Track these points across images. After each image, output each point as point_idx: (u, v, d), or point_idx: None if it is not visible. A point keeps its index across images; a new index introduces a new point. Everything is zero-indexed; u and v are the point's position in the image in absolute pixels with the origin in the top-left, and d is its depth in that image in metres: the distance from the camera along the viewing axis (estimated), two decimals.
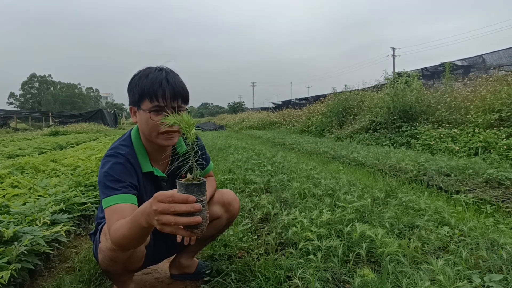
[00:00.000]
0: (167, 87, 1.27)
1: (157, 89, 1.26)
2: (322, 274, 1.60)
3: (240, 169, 4.44)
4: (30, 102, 75.37)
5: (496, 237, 1.94)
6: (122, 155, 1.34)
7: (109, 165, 1.29)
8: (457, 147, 5.49)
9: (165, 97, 1.27)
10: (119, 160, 1.32)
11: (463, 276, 1.51)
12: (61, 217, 2.12)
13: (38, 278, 1.79)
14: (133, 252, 1.29)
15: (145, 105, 1.29)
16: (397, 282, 1.49)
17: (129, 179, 1.29)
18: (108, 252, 1.28)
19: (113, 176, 1.26)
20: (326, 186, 3.16)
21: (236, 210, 1.69)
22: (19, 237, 1.69)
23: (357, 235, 1.93)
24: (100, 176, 1.29)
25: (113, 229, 1.14)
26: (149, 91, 1.26)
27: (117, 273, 1.42)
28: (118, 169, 1.29)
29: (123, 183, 1.26)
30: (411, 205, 2.61)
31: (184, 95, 1.33)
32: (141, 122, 1.33)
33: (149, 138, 1.37)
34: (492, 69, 9.31)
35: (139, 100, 1.29)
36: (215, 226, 1.67)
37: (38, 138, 13.33)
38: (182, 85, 1.33)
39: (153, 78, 1.27)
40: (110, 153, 1.35)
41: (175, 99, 1.29)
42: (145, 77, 1.28)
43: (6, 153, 6.80)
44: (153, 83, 1.26)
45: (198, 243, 1.74)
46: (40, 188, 2.86)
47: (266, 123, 18.52)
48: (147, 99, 1.27)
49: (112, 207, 1.20)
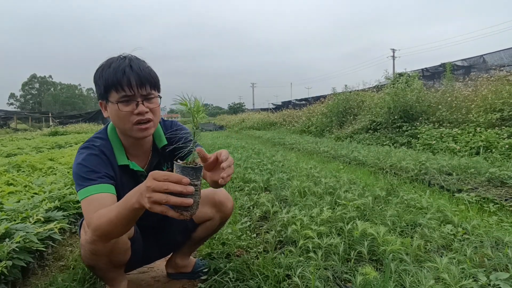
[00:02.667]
0: (131, 74, 1.18)
1: (121, 78, 1.17)
2: (323, 272, 1.56)
3: (239, 168, 4.40)
4: (30, 103, 75.45)
5: (500, 235, 1.90)
6: (96, 146, 1.29)
7: (83, 156, 1.24)
8: (458, 146, 5.45)
9: (131, 86, 1.18)
10: (93, 152, 1.27)
11: (468, 274, 1.46)
12: (56, 214, 2.07)
13: (31, 276, 1.75)
14: (115, 243, 1.24)
15: (112, 96, 1.21)
16: (400, 281, 1.45)
17: (104, 170, 1.24)
18: (88, 245, 1.23)
19: (88, 167, 1.21)
20: (327, 185, 3.12)
21: (229, 210, 1.62)
22: (11, 234, 1.64)
23: (358, 233, 1.88)
24: (74, 168, 1.23)
25: (96, 216, 1.08)
26: (113, 81, 1.18)
27: (102, 269, 1.36)
28: (93, 160, 1.24)
29: (99, 173, 1.21)
30: (413, 203, 2.57)
31: (152, 81, 1.23)
32: (112, 115, 1.25)
33: (124, 132, 1.31)
34: (493, 69, 9.27)
35: (106, 93, 1.22)
36: (208, 227, 1.62)
37: (37, 138, 13.31)
38: (148, 71, 1.24)
39: (116, 67, 1.19)
40: (84, 145, 1.31)
41: (142, 86, 1.20)
42: (107, 67, 1.21)
43: (4, 152, 6.77)
44: (116, 72, 1.18)
45: (192, 243, 1.70)
46: (36, 186, 2.82)
47: (266, 124, 18.50)
48: (113, 90, 1.19)
49: (89, 198, 1.14)
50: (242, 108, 61.84)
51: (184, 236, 1.65)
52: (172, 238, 1.64)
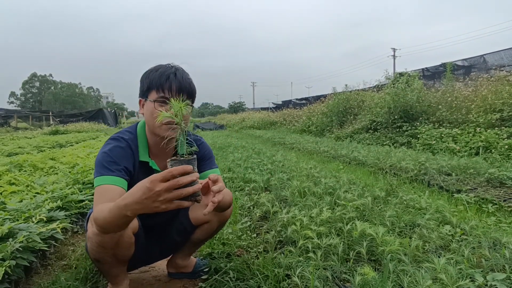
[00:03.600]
0: (174, 80, 1.34)
1: (164, 81, 1.33)
2: (322, 272, 1.58)
3: (239, 168, 4.42)
4: (30, 102, 75.36)
5: (498, 236, 1.92)
6: (125, 140, 1.40)
7: (110, 147, 1.36)
8: (458, 146, 5.47)
9: (171, 90, 1.33)
10: (120, 144, 1.38)
11: (465, 275, 1.48)
12: (58, 214, 2.10)
13: (34, 276, 1.77)
14: (120, 237, 1.29)
15: (151, 95, 1.35)
16: (398, 281, 1.47)
17: (125, 163, 1.34)
18: (95, 237, 1.28)
19: (111, 157, 1.31)
20: (326, 185, 3.14)
21: (227, 213, 1.63)
22: (15, 234, 1.66)
23: (357, 234, 1.90)
24: (98, 156, 1.33)
25: (98, 208, 1.17)
26: (156, 83, 1.34)
27: (107, 263, 1.39)
28: (118, 152, 1.34)
29: (119, 166, 1.31)
30: (412, 203, 2.59)
31: (190, 91, 1.38)
32: (147, 112, 1.38)
33: (152, 129, 1.40)
34: (493, 69, 9.27)
35: (147, 91, 1.36)
36: (206, 229, 1.64)
37: (38, 137, 13.31)
38: (189, 82, 1.39)
39: (162, 72, 1.35)
40: (114, 137, 1.42)
41: (180, 93, 1.34)
42: (155, 71, 1.37)
43: (5, 151, 6.78)
44: (161, 76, 1.34)
45: (191, 245, 1.72)
46: (38, 185, 2.84)
47: (266, 123, 18.50)
48: (154, 90, 1.34)
49: (103, 186, 1.25)
50: (243, 107, 61.79)
51: (183, 237, 1.67)
52: (171, 239, 1.66)
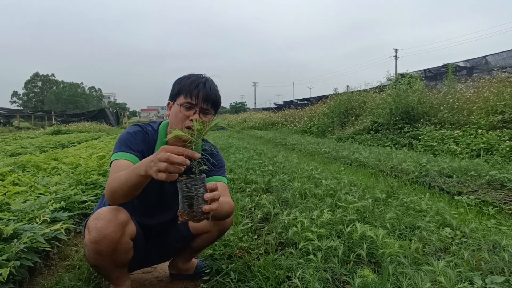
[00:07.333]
0: (202, 89, 1.44)
1: (193, 88, 1.44)
2: (322, 274, 1.59)
3: (241, 169, 4.44)
4: (33, 101, 75.57)
5: (498, 239, 1.93)
6: (147, 131, 1.54)
7: (135, 130, 1.51)
8: (459, 148, 5.47)
9: (198, 97, 1.43)
10: (143, 132, 1.52)
11: (464, 277, 1.49)
12: (61, 215, 2.12)
13: (37, 276, 1.79)
14: (117, 244, 1.32)
15: (179, 99, 1.45)
16: (397, 283, 1.48)
17: (143, 148, 1.47)
18: (92, 245, 1.30)
19: (134, 139, 1.46)
20: (327, 187, 3.15)
21: (228, 224, 1.64)
22: (19, 235, 1.68)
23: (357, 236, 1.91)
24: (122, 135, 1.47)
25: (112, 177, 1.27)
26: (186, 89, 1.44)
27: (106, 268, 1.41)
28: (140, 137, 1.49)
29: (138, 147, 1.45)
30: (413, 206, 2.60)
31: (215, 101, 1.48)
32: (172, 113, 1.48)
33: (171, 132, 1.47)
34: (495, 70, 9.26)
35: (176, 95, 1.47)
36: (205, 239, 1.65)
37: (40, 136, 13.39)
38: (216, 93, 1.48)
39: (193, 80, 1.46)
40: (139, 124, 1.56)
41: (206, 102, 1.44)
42: (187, 78, 1.48)
43: (8, 151, 6.83)
44: (192, 83, 1.45)
45: (191, 251, 1.74)
46: (41, 186, 2.87)
47: (268, 123, 18.51)
48: (183, 95, 1.44)
49: (120, 161, 1.37)
50: (244, 107, 61.82)
51: (182, 244, 1.69)
52: (170, 245, 1.69)
